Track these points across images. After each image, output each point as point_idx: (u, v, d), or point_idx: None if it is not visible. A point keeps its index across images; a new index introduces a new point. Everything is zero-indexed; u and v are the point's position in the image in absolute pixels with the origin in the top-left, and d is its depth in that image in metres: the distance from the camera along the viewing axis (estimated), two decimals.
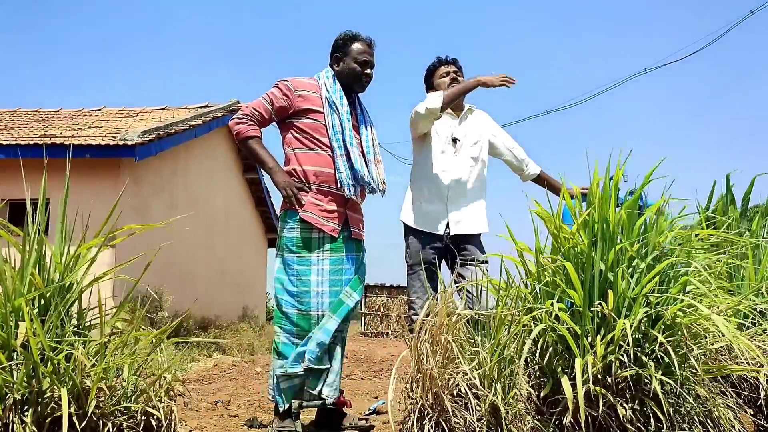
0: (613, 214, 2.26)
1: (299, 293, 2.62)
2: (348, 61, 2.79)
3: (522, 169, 3.36)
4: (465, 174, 3.12)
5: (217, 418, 3.19)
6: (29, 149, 6.90)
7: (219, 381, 5.15)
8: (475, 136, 3.20)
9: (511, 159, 3.35)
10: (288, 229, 2.67)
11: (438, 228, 3.07)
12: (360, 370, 6.03)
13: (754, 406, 2.44)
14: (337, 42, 2.83)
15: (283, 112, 2.72)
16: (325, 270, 2.64)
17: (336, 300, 2.63)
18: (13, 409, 1.83)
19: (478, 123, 3.26)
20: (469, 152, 3.15)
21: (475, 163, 3.16)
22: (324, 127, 2.70)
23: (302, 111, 2.71)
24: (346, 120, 2.71)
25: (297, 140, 2.71)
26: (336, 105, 2.71)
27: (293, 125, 2.73)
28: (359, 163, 2.69)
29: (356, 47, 2.79)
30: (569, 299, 2.20)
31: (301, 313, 2.61)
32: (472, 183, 3.14)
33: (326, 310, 2.61)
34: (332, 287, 2.64)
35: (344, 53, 2.80)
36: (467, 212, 3.10)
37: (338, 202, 2.70)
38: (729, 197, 3.71)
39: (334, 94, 2.74)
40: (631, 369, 1.99)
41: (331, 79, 2.79)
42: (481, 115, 3.33)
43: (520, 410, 2.00)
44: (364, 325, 16.46)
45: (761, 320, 2.64)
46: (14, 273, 2.05)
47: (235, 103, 10.08)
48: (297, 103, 2.71)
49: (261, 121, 2.72)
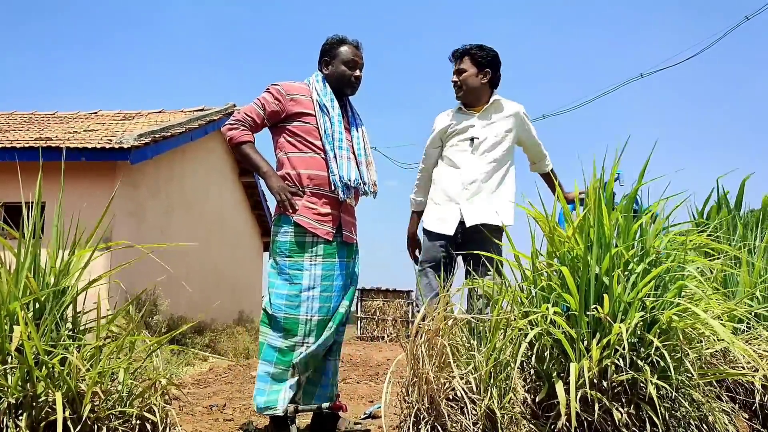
0: (607, 217, 2.27)
1: (289, 297, 2.61)
2: (336, 64, 2.80)
3: (535, 162, 3.28)
4: (482, 175, 3.01)
5: (212, 422, 3.18)
6: (25, 152, 6.87)
7: (215, 385, 5.13)
8: (499, 136, 3.06)
9: (533, 151, 3.25)
10: (282, 233, 2.67)
11: (450, 229, 3.00)
12: (356, 374, 6.01)
13: (750, 411, 2.45)
14: (325, 46, 2.84)
15: (275, 117, 2.73)
16: (318, 275, 2.64)
17: (327, 306, 2.64)
18: (7, 413, 1.82)
19: (504, 118, 3.10)
20: (489, 153, 3.04)
21: (494, 163, 3.03)
22: (316, 130, 2.70)
23: (294, 115, 2.71)
24: (337, 123, 2.72)
25: (289, 144, 2.72)
26: (327, 108, 2.72)
27: (285, 129, 2.73)
28: (351, 166, 2.70)
29: (344, 50, 2.80)
30: (565, 303, 2.20)
31: (289, 317, 2.60)
32: (491, 183, 3.02)
33: (316, 314, 2.61)
34: (323, 292, 2.64)
35: (332, 57, 2.81)
36: (483, 207, 2.98)
37: (332, 205, 2.70)
38: (722, 202, 3.73)
39: (324, 97, 2.75)
40: (626, 373, 1.99)
41: (321, 82, 2.80)
42: (512, 108, 3.13)
43: (515, 414, 2.01)
44: (360, 329, 16.43)
45: (756, 325, 2.65)
46: (9, 276, 2.04)
47: (231, 107, 10.07)
48: (289, 107, 2.71)
49: (253, 126, 2.72)
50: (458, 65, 3.12)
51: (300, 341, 2.60)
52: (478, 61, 3.08)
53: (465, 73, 3.09)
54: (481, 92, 3.11)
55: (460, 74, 3.10)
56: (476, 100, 3.12)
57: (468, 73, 3.08)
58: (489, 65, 3.09)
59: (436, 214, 3.09)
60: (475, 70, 3.08)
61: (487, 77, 3.10)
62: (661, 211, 2.47)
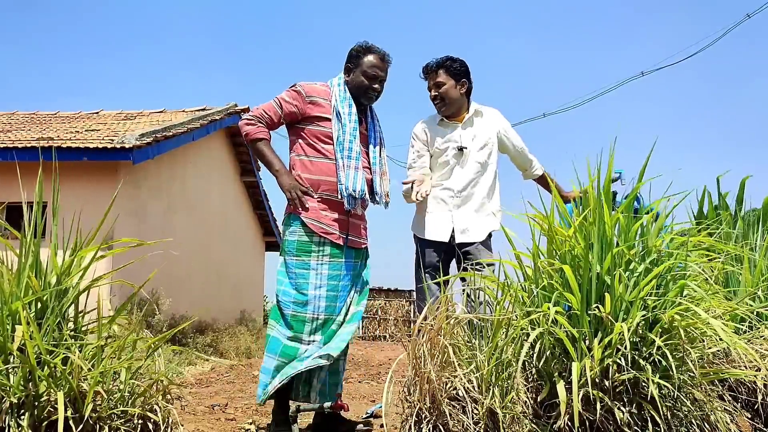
0: (608, 216, 2.27)
1: (297, 295, 2.63)
2: (357, 72, 2.78)
3: (526, 167, 3.31)
4: (472, 182, 3.07)
5: (214, 421, 3.18)
6: (26, 152, 6.88)
7: (216, 384, 5.14)
8: (483, 139, 3.12)
9: (518, 157, 3.28)
10: (290, 232, 2.69)
11: (443, 236, 3.03)
12: (357, 374, 6.02)
13: (752, 410, 2.45)
14: (351, 52, 2.82)
15: (292, 117, 2.74)
16: (324, 275, 2.65)
17: (333, 305, 2.65)
18: (9, 413, 1.83)
19: (486, 124, 3.17)
20: (476, 158, 3.09)
21: (482, 168, 3.09)
22: (331, 136, 2.70)
23: (312, 118, 2.72)
24: (350, 131, 2.70)
25: (304, 146, 2.73)
26: (342, 114, 2.71)
27: (302, 131, 2.74)
28: (359, 177, 2.69)
29: (368, 60, 2.78)
30: (566, 302, 2.20)
31: (296, 315, 2.61)
32: (480, 189, 3.08)
33: (322, 313, 2.62)
34: (329, 291, 2.65)
35: (356, 64, 2.79)
36: (474, 219, 3.04)
37: (341, 210, 2.72)
38: (721, 202, 3.72)
39: (341, 102, 2.74)
40: (628, 372, 1.99)
41: (342, 86, 2.79)
42: (491, 114, 3.22)
43: (517, 414, 2.00)
44: (362, 328, 16.45)
45: (758, 324, 2.64)
46: (11, 276, 2.04)
47: (233, 107, 10.07)
48: (307, 109, 2.72)
49: (270, 124, 2.74)
50: (435, 79, 3.12)
51: (306, 339, 2.61)
52: (454, 73, 3.11)
53: (444, 86, 3.10)
54: (462, 102, 3.15)
55: (439, 87, 3.11)
56: (458, 111, 3.16)
57: (447, 85, 3.10)
58: (464, 75, 3.14)
59: (428, 222, 3.11)
60: (453, 82, 3.11)
61: (465, 87, 3.15)
62: (662, 210, 2.47)
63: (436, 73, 3.11)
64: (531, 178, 3.34)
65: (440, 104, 3.14)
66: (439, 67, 3.11)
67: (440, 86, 3.10)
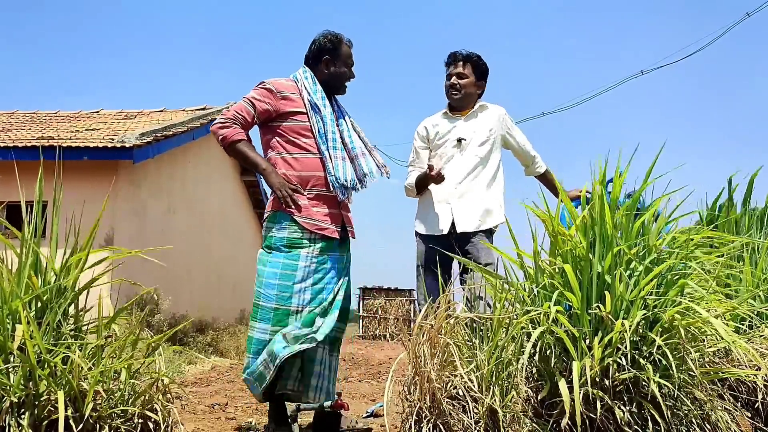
0: (609, 215, 2.27)
1: (281, 287, 2.56)
2: (339, 65, 2.77)
3: (528, 164, 3.32)
4: (470, 175, 3.06)
5: (214, 420, 3.18)
6: (27, 151, 6.87)
7: (216, 384, 5.13)
8: (484, 134, 3.11)
9: (521, 154, 3.29)
10: (278, 228, 2.63)
11: (442, 230, 3.02)
12: (357, 373, 6.02)
13: (752, 409, 2.44)
14: (325, 44, 2.77)
15: (266, 116, 2.69)
16: (311, 269, 2.60)
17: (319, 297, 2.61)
18: (9, 412, 1.82)
19: (488, 119, 3.17)
20: (475, 152, 3.09)
21: (482, 162, 3.08)
22: (309, 129, 2.67)
23: (286, 114, 2.68)
24: (330, 122, 2.69)
25: (284, 144, 2.68)
26: (318, 107, 2.69)
27: (278, 128, 2.69)
28: (347, 166, 2.68)
29: (345, 51, 2.78)
30: (567, 302, 2.20)
31: (280, 308, 2.55)
32: (480, 182, 3.07)
33: (306, 306, 2.57)
34: (314, 285, 2.60)
35: (336, 56, 2.77)
36: (473, 210, 3.02)
37: (333, 203, 2.69)
38: (730, 202, 3.71)
39: (315, 95, 2.71)
40: (628, 372, 1.99)
41: (310, 79, 2.75)
42: (495, 111, 3.21)
43: (517, 413, 2.00)
44: (362, 327, 16.43)
45: (759, 323, 2.64)
46: (11, 275, 2.04)
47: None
48: (280, 106, 2.67)
49: (245, 125, 2.68)
50: (460, 68, 3.16)
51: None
52: (479, 72, 3.18)
53: (466, 79, 3.16)
54: (473, 100, 3.20)
55: (461, 78, 3.15)
56: (467, 106, 3.20)
57: (469, 80, 3.16)
58: (484, 77, 3.22)
59: (427, 216, 3.11)
60: (474, 79, 3.17)
61: (481, 89, 3.23)
62: (663, 209, 2.47)
63: (463, 65, 3.16)
64: (533, 174, 3.34)
65: (455, 93, 3.16)
66: (467, 60, 3.16)
67: (462, 77, 3.15)
